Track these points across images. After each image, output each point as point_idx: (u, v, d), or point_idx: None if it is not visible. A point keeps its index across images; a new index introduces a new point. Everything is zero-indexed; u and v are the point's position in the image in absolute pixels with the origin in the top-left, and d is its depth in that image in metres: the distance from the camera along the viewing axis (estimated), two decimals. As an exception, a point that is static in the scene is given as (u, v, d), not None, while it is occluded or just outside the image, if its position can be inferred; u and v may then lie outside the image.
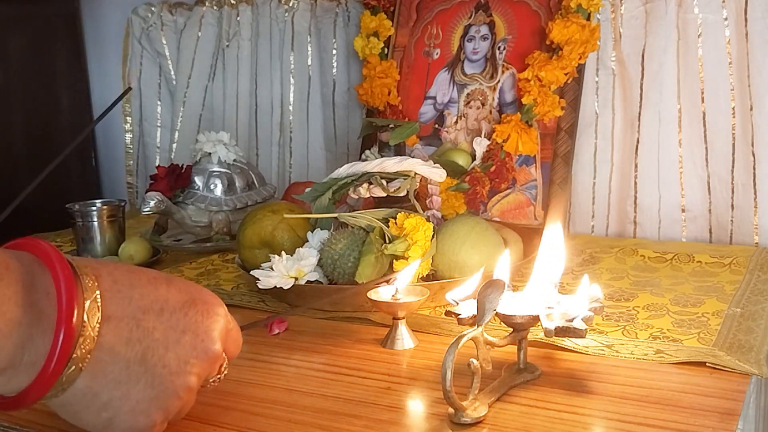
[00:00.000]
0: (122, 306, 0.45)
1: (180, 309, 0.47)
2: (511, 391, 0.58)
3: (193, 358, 0.47)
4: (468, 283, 0.64)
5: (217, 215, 1.10)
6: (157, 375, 0.46)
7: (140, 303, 0.46)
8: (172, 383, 0.46)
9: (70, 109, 1.51)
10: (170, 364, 0.46)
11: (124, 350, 0.44)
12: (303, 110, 1.32)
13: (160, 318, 0.46)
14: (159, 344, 0.46)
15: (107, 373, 0.44)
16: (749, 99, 0.97)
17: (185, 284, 0.50)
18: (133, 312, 0.45)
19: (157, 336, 0.45)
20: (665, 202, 1.04)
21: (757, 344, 0.64)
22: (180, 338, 0.46)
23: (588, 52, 1.01)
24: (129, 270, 0.47)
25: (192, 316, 0.48)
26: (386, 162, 0.85)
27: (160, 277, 0.49)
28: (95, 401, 0.45)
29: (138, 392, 0.45)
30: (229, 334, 0.52)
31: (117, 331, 0.44)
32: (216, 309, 0.50)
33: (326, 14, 1.27)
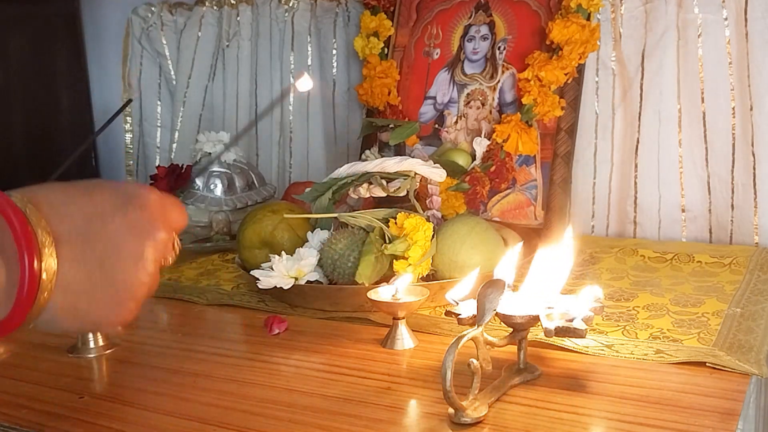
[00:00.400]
0: (66, 225, 0.48)
1: (119, 209, 0.50)
2: (511, 391, 0.58)
3: (145, 250, 0.51)
4: (465, 282, 0.64)
5: (217, 215, 1.10)
6: (119, 275, 0.50)
7: (82, 216, 0.49)
8: (135, 277, 0.50)
9: (70, 109, 1.51)
10: (126, 262, 0.50)
11: (81, 263, 0.48)
12: (303, 110, 1.32)
13: (103, 224, 0.49)
14: (110, 248, 0.49)
15: (74, 288, 0.48)
16: (749, 99, 0.97)
17: (116, 186, 0.53)
18: (77, 228, 0.49)
19: (106, 241, 0.49)
20: (665, 202, 1.04)
21: (757, 344, 0.64)
22: (127, 237, 0.50)
23: (588, 52, 1.01)
24: (63, 188, 0.51)
25: (131, 213, 0.51)
26: (386, 162, 0.85)
27: (92, 185, 0.52)
28: (75, 312, 0.49)
29: (108, 294, 0.50)
30: (169, 211, 0.54)
31: (69, 248, 0.48)
32: (149, 198, 0.52)
33: (326, 14, 1.27)
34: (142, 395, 0.61)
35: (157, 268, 0.53)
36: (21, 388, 0.64)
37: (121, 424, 0.56)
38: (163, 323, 0.81)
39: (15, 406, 0.60)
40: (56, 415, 0.58)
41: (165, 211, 0.54)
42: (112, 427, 0.56)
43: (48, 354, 0.71)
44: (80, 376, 0.67)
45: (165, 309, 0.85)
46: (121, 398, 0.61)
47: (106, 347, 0.72)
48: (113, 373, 0.67)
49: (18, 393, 0.63)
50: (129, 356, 0.70)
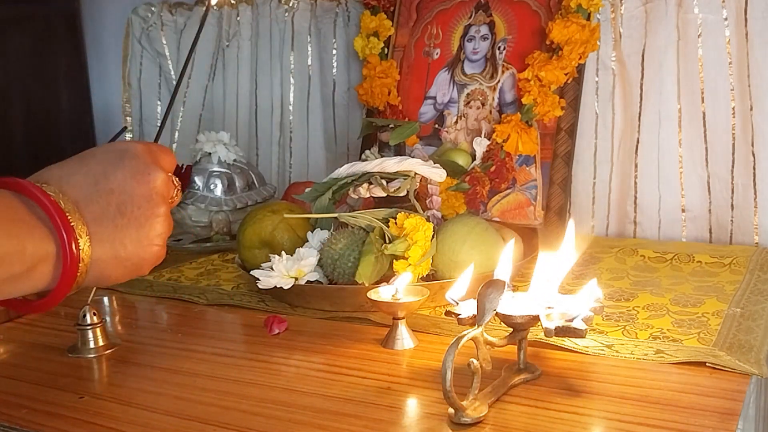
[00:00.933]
0: (77, 190, 0.55)
1: (117, 164, 0.56)
2: (511, 391, 0.58)
3: (151, 191, 0.57)
4: (462, 280, 0.64)
5: (217, 215, 1.10)
6: (139, 216, 0.56)
7: (87, 180, 0.55)
8: (153, 214, 0.57)
9: (70, 109, 1.51)
10: (141, 203, 0.56)
11: (105, 217, 0.55)
12: (303, 110, 1.32)
13: (107, 179, 0.56)
14: (123, 196, 0.56)
15: (107, 238, 0.55)
16: (749, 99, 0.97)
17: (105, 147, 0.59)
18: (88, 189, 0.55)
19: (117, 192, 0.56)
20: (665, 202, 1.04)
21: (757, 344, 0.64)
22: (132, 183, 0.56)
23: (588, 52, 1.01)
24: (60, 165, 0.57)
25: (128, 163, 0.57)
26: (386, 162, 0.85)
27: (85, 154, 0.58)
28: (116, 259, 0.56)
29: (137, 234, 0.56)
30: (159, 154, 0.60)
31: (90, 207, 0.54)
32: (137, 148, 0.58)
33: (326, 14, 1.27)
34: (142, 395, 0.61)
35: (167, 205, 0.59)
36: (21, 388, 0.64)
37: (121, 424, 0.56)
38: (163, 323, 0.81)
39: (15, 406, 0.60)
40: (56, 415, 0.58)
41: (155, 156, 0.59)
42: (112, 427, 0.56)
43: (48, 354, 0.71)
44: (80, 376, 0.67)
45: (165, 309, 0.85)
46: (121, 398, 0.61)
47: (106, 347, 0.72)
48: (113, 373, 0.67)
49: (18, 393, 0.63)
50: (129, 356, 0.70)
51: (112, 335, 0.75)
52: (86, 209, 0.54)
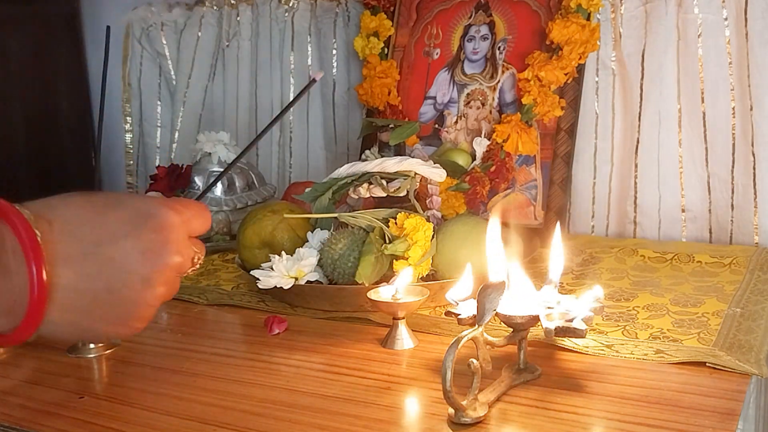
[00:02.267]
0: (76, 246, 0.48)
1: (132, 232, 0.50)
2: (511, 391, 0.58)
3: (154, 274, 0.50)
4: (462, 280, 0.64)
5: (217, 215, 1.10)
6: (126, 297, 0.50)
7: (93, 238, 0.49)
8: (142, 299, 0.51)
9: (70, 109, 1.51)
10: (134, 285, 0.50)
11: (87, 284, 0.49)
12: (303, 110, 1.32)
13: (115, 246, 0.49)
14: (120, 270, 0.49)
15: (78, 307, 0.49)
16: (749, 99, 0.97)
17: (134, 204, 0.52)
18: (87, 249, 0.49)
19: (116, 264, 0.49)
20: (665, 202, 1.04)
21: (757, 344, 0.64)
22: (139, 259, 0.50)
23: (588, 52, 1.01)
24: (79, 206, 0.50)
25: (146, 236, 0.50)
26: (386, 162, 0.85)
27: (109, 203, 0.51)
28: (74, 327, 0.50)
29: (113, 314, 0.50)
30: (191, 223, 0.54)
31: (77, 269, 0.48)
32: (168, 219, 0.52)
33: (326, 14, 1.27)
34: (142, 395, 0.61)
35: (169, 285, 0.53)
36: (21, 388, 0.64)
37: (121, 424, 0.56)
38: (163, 323, 0.81)
39: (15, 406, 0.60)
40: (56, 415, 0.58)
41: (184, 229, 0.53)
42: (112, 427, 0.56)
43: (48, 354, 0.71)
44: (80, 376, 0.67)
45: (165, 309, 0.85)
46: (121, 398, 0.61)
47: (106, 347, 0.72)
48: (113, 373, 0.67)
49: (17, 393, 0.63)
50: (129, 356, 0.70)
51: None
52: (73, 269, 0.48)
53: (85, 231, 0.49)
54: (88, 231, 0.49)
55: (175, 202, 0.54)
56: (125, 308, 0.51)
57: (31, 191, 0.58)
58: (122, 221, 0.50)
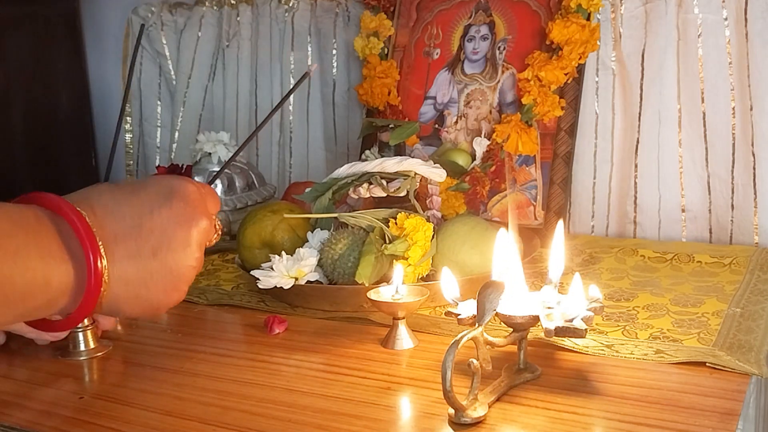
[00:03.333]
0: (120, 223, 0.54)
1: (165, 203, 0.56)
2: (511, 391, 0.58)
3: (191, 237, 0.57)
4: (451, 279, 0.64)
5: (218, 215, 1.10)
6: (171, 262, 0.56)
7: (133, 214, 0.55)
8: (185, 262, 0.57)
9: (70, 109, 1.51)
10: (177, 249, 0.56)
11: (138, 257, 0.54)
12: (303, 110, 1.32)
13: (152, 218, 0.55)
14: (162, 238, 0.55)
15: (134, 279, 0.54)
16: (749, 99, 0.97)
17: (159, 181, 0.58)
18: (130, 224, 0.54)
19: (157, 234, 0.55)
20: (665, 202, 1.04)
21: (757, 344, 0.64)
22: (174, 227, 0.56)
23: (588, 52, 1.01)
24: (111, 190, 0.56)
25: (176, 205, 0.57)
26: (386, 162, 0.85)
27: (137, 184, 0.58)
28: (135, 299, 0.55)
29: (163, 279, 0.56)
30: (207, 198, 0.60)
31: (125, 244, 0.54)
32: (189, 189, 0.58)
33: (326, 14, 1.27)
34: (142, 395, 0.61)
35: (202, 251, 0.59)
36: (20, 388, 0.64)
37: (121, 424, 0.56)
38: (163, 323, 0.81)
39: (14, 406, 0.60)
40: (56, 415, 0.58)
41: (203, 199, 0.59)
42: (112, 427, 0.56)
43: (48, 354, 0.71)
44: (80, 376, 0.67)
45: (165, 309, 0.85)
46: (120, 398, 0.61)
47: (98, 350, 0.71)
48: (113, 373, 0.67)
49: (17, 393, 0.63)
50: (129, 356, 0.70)
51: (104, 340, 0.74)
52: (122, 244, 0.54)
53: (124, 210, 0.55)
54: (127, 210, 0.55)
55: (190, 180, 0.60)
56: (174, 273, 0.56)
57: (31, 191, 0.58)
58: (153, 197, 0.56)
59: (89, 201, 0.54)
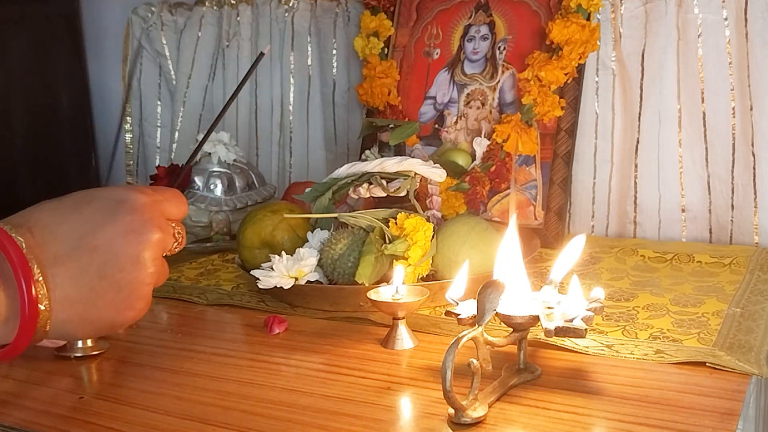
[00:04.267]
0: (61, 244, 0.52)
1: (109, 218, 0.54)
2: (511, 391, 0.58)
3: (141, 252, 0.54)
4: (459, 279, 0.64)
5: (217, 215, 1.10)
6: (120, 279, 0.54)
7: (74, 233, 0.53)
8: (136, 279, 0.54)
9: (70, 109, 1.51)
10: (125, 266, 0.54)
11: (81, 277, 0.52)
12: (303, 110, 1.32)
13: (96, 235, 0.53)
14: (108, 256, 0.53)
15: (79, 300, 0.52)
16: (749, 99, 0.97)
17: (104, 194, 0.56)
18: (72, 244, 0.52)
19: (102, 251, 0.53)
20: (665, 202, 1.04)
21: (757, 344, 0.64)
22: (122, 242, 0.54)
23: (588, 52, 1.01)
24: (53, 208, 0.54)
25: (121, 218, 0.54)
26: (386, 162, 0.85)
27: (81, 199, 0.55)
28: (84, 321, 0.54)
29: (114, 299, 0.54)
30: (164, 205, 0.57)
31: (67, 266, 0.52)
32: (138, 200, 0.55)
33: (326, 14, 1.27)
34: (141, 395, 0.61)
35: (157, 265, 0.57)
36: (20, 388, 0.64)
37: (121, 424, 0.56)
38: (163, 323, 0.81)
39: (15, 407, 0.60)
40: (56, 415, 0.58)
41: (157, 208, 0.56)
42: (112, 427, 0.56)
43: (48, 354, 0.71)
44: (80, 376, 0.67)
45: (165, 309, 0.85)
46: (120, 398, 0.61)
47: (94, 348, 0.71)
48: (113, 373, 0.67)
49: (17, 393, 0.63)
50: (129, 356, 0.70)
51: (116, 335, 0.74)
52: (63, 266, 0.51)
53: (65, 229, 0.53)
54: (68, 228, 0.53)
55: (144, 187, 0.58)
56: (124, 291, 0.54)
57: (31, 191, 0.58)
58: (97, 212, 0.54)
59: (29, 223, 0.52)
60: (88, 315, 0.53)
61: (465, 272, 0.64)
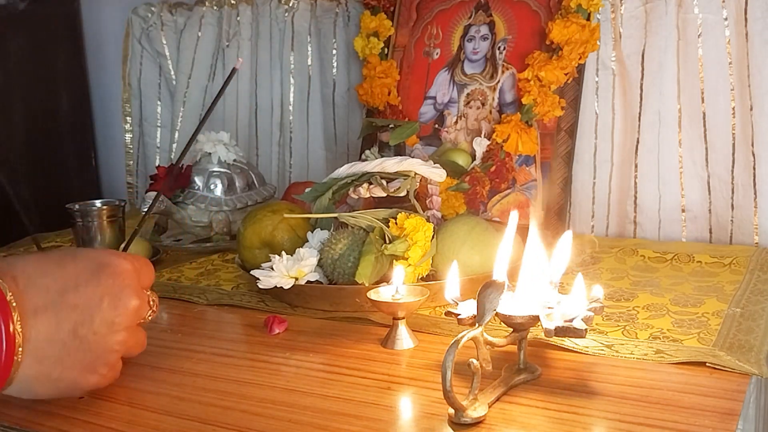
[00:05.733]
0: (42, 297, 0.52)
1: (92, 279, 0.54)
2: (511, 391, 0.58)
3: (116, 317, 0.55)
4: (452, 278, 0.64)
5: (217, 215, 1.10)
6: (92, 341, 0.54)
7: (56, 287, 0.53)
8: (106, 343, 0.55)
9: (70, 109, 1.51)
10: (99, 329, 0.54)
11: (56, 333, 0.52)
12: (303, 110, 1.32)
13: (77, 293, 0.53)
14: (84, 316, 0.53)
15: (48, 356, 0.52)
16: (749, 99, 0.97)
17: (88, 255, 0.56)
18: (53, 298, 0.52)
19: (80, 310, 0.53)
20: (665, 202, 1.04)
21: (757, 344, 0.64)
22: (100, 304, 0.54)
23: (588, 52, 1.01)
24: (37, 260, 0.54)
25: (104, 281, 0.55)
26: (386, 162, 0.85)
27: (66, 255, 0.55)
28: (47, 379, 0.53)
29: (81, 360, 0.54)
30: (140, 273, 0.58)
31: (45, 319, 0.51)
32: (121, 266, 0.56)
33: (326, 14, 1.27)
34: (142, 395, 0.61)
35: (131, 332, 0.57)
36: (21, 388, 0.64)
37: (121, 424, 0.56)
38: (163, 323, 0.81)
39: (14, 406, 0.60)
40: (56, 415, 0.58)
41: (136, 276, 0.57)
42: (112, 427, 0.56)
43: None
44: (80, 376, 0.67)
45: (165, 309, 0.85)
46: (121, 398, 0.61)
47: None
48: (113, 373, 0.67)
49: (18, 393, 0.63)
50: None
51: None
52: (41, 318, 0.51)
53: (48, 282, 0.53)
54: (51, 281, 0.53)
55: (125, 254, 0.59)
56: (92, 353, 0.54)
57: (31, 191, 0.59)
58: (81, 270, 0.54)
59: (13, 271, 0.52)
60: (53, 373, 0.53)
61: (455, 272, 0.64)
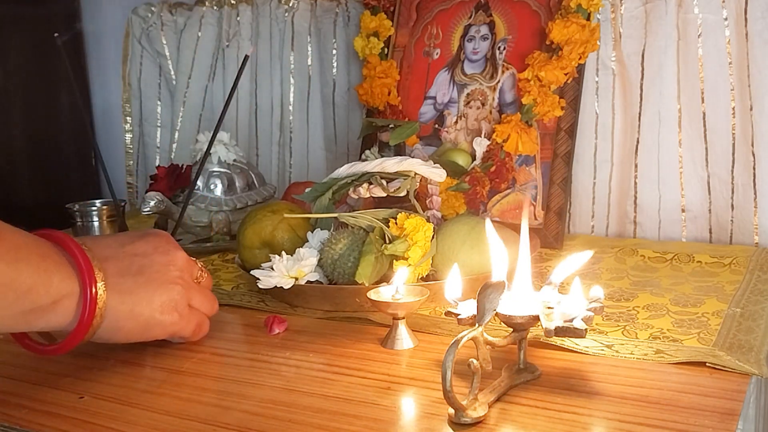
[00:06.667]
0: (107, 249, 0.64)
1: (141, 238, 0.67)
2: (511, 391, 0.58)
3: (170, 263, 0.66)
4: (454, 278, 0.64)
5: (217, 215, 1.10)
6: (157, 278, 0.65)
7: (115, 244, 0.65)
8: (169, 280, 0.65)
9: (70, 109, 1.51)
10: (160, 268, 0.65)
11: (126, 271, 0.63)
12: (303, 110, 1.32)
13: (133, 245, 0.66)
14: (145, 260, 0.65)
15: (125, 290, 0.62)
16: (749, 99, 0.97)
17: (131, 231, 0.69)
18: (115, 250, 0.65)
19: (139, 256, 0.65)
20: (665, 202, 1.04)
21: (757, 344, 0.64)
22: (154, 252, 0.66)
23: (588, 52, 1.01)
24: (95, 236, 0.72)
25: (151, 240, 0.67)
26: (386, 162, 0.85)
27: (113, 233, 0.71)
28: (131, 314, 0.63)
29: (152, 295, 0.64)
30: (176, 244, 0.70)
31: (115, 262, 0.63)
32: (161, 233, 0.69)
33: (326, 14, 1.27)
34: (142, 395, 0.61)
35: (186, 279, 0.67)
36: (21, 388, 0.64)
37: (121, 424, 0.56)
38: (163, 323, 0.81)
39: (15, 406, 0.60)
40: (56, 415, 0.58)
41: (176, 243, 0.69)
42: (112, 427, 0.56)
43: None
44: (80, 376, 0.67)
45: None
46: (121, 398, 0.61)
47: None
48: (113, 373, 0.67)
49: (18, 393, 0.63)
50: (129, 356, 0.70)
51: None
52: (110, 264, 0.62)
53: (109, 241, 0.66)
54: (110, 241, 0.66)
55: None
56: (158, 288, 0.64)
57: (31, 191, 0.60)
58: (129, 235, 0.68)
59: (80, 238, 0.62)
60: (134, 306, 0.63)
61: (457, 274, 0.64)
